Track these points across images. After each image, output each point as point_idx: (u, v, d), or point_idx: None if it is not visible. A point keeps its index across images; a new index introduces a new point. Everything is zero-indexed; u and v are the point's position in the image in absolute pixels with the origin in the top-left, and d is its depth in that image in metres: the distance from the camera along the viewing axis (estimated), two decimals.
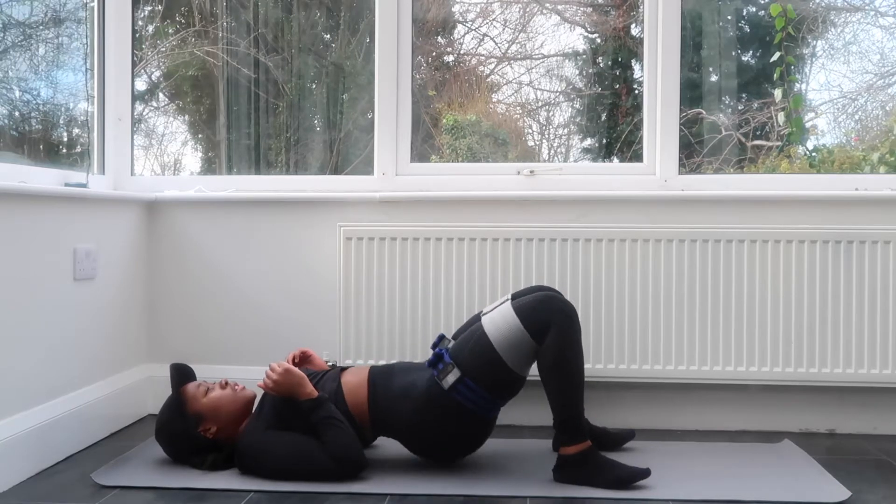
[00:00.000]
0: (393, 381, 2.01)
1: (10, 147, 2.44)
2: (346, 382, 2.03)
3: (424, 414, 1.94)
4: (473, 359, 1.93)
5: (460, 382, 1.92)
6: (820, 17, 3.42)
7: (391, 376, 2.03)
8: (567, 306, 1.96)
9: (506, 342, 1.91)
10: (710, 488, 1.86)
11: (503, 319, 1.94)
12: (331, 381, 2.04)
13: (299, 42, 3.52)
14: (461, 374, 1.92)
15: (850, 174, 2.88)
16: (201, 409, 2.00)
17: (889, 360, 2.35)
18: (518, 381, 1.97)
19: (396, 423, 1.99)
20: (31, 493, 1.85)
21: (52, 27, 2.61)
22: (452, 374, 1.93)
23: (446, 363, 1.95)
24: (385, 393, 1.99)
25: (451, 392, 1.92)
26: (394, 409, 1.97)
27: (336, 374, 2.07)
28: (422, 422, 1.95)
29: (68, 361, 2.20)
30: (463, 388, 1.92)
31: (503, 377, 1.93)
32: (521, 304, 1.95)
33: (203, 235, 2.67)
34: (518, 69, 3.99)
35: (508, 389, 1.98)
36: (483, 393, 1.92)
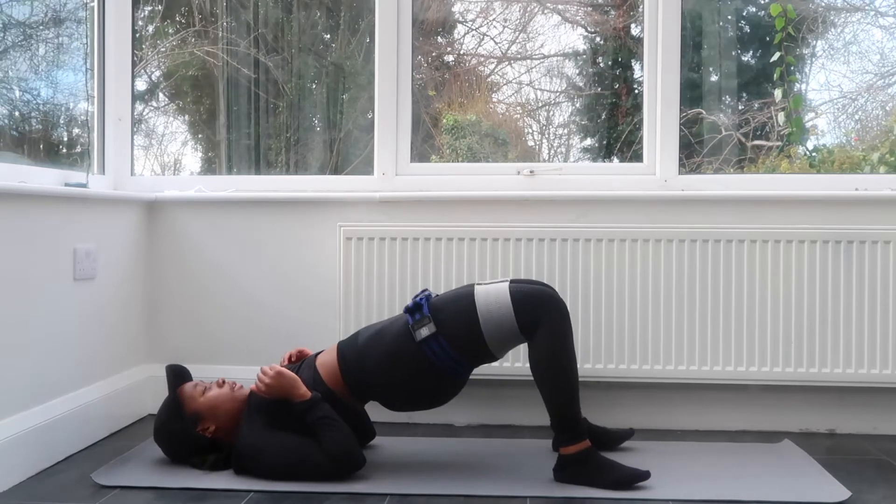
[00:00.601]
0: (358, 340, 2.03)
1: (10, 147, 2.44)
2: (321, 364, 2.04)
3: (390, 359, 1.95)
4: (453, 321, 1.93)
5: (433, 338, 1.92)
6: (820, 17, 3.42)
7: (356, 337, 2.05)
8: (561, 306, 1.96)
9: (491, 319, 1.90)
10: (710, 488, 1.86)
11: (496, 296, 1.93)
12: (307, 369, 2.05)
13: (299, 42, 3.52)
14: (436, 331, 1.92)
15: (850, 174, 2.88)
16: (199, 408, 2.00)
17: (889, 360, 2.35)
18: (490, 357, 1.97)
19: (367, 375, 1.98)
20: (31, 493, 1.85)
21: (52, 27, 2.61)
22: (427, 328, 1.92)
23: (424, 315, 1.94)
24: (353, 352, 2.00)
25: (422, 345, 1.92)
26: (364, 361, 1.97)
27: (311, 361, 2.08)
28: (387, 367, 1.95)
29: (68, 361, 2.20)
30: (434, 345, 1.91)
31: (476, 349, 1.93)
32: (518, 290, 1.95)
33: (203, 235, 2.67)
34: (518, 69, 4.00)
35: (478, 360, 1.98)
36: (453, 354, 1.92)
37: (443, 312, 1.95)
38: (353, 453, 1.91)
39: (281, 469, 1.90)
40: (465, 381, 2.03)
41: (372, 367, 1.97)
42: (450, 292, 2.06)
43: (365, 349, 1.99)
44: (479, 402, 2.48)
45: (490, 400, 2.49)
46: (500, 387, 2.47)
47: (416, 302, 1.98)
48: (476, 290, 1.97)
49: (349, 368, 1.99)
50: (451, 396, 2.04)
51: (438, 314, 1.94)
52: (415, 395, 2.01)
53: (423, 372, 1.94)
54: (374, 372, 1.97)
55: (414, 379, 1.96)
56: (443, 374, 1.95)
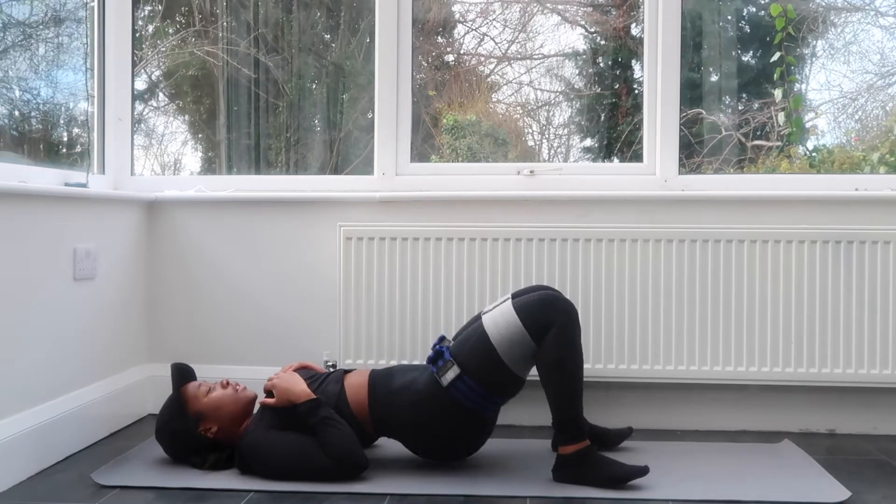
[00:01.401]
0: (393, 380, 2.02)
1: (10, 147, 2.44)
2: (349, 385, 2.03)
3: (423, 410, 1.95)
4: (472, 356, 1.93)
5: (459, 379, 1.92)
6: (820, 17, 3.42)
7: (391, 376, 2.04)
8: (568, 306, 1.96)
9: (505, 341, 1.91)
10: (710, 488, 1.86)
11: (503, 318, 1.94)
12: (333, 384, 2.04)
13: (299, 42, 3.52)
14: (460, 372, 1.92)
15: (850, 174, 2.88)
16: (202, 408, 2.00)
17: (889, 360, 2.35)
18: (516, 381, 1.97)
19: (397, 420, 1.99)
20: (31, 493, 1.85)
21: (52, 27, 2.61)
22: (451, 371, 1.93)
23: (446, 360, 1.95)
24: (385, 391, 2.00)
25: (450, 389, 1.92)
26: (394, 406, 1.98)
27: (339, 376, 2.08)
28: (420, 418, 1.95)
29: (68, 361, 2.20)
30: (461, 386, 1.92)
31: (501, 376, 1.93)
32: (522, 304, 1.95)
33: (203, 235, 2.67)
34: (518, 69, 4.00)
35: (506, 389, 1.98)
36: (481, 390, 1.92)
37: (461, 353, 1.96)
38: (356, 455, 1.91)
39: (284, 469, 1.90)
40: (495, 420, 2.03)
41: (404, 412, 1.97)
42: (461, 333, 2.07)
43: (398, 394, 1.98)
44: None
45: None
46: None
47: (437, 350, 1.99)
48: (484, 320, 1.98)
49: (378, 404, 1.99)
50: (484, 438, 2.03)
51: (458, 356, 1.95)
52: (452, 439, 2.00)
53: (455, 416, 1.94)
54: (406, 417, 1.97)
55: (448, 423, 1.95)
56: (475, 413, 1.95)
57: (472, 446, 2.03)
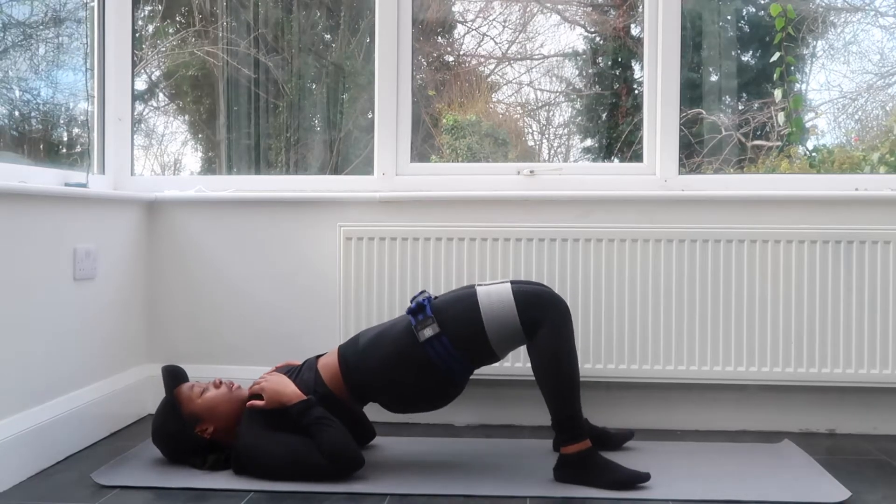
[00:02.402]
0: (359, 341, 2.03)
1: (10, 147, 2.44)
2: (323, 366, 2.04)
3: (392, 361, 1.95)
4: (457, 321, 1.93)
5: (437, 339, 1.92)
6: (820, 17, 3.42)
7: (356, 339, 2.05)
8: (563, 306, 1.96)
9: (495, 319, 1.90)
10: (710, 488, 1.86)
11: (498, 297, 1.93)
12: (308, 371, 2.05)
13: (299, 42, 3.52)
14: (440, 331, 1.92)
15: (850, 174, 2.88)
16: (197, 409, 2.00)
17: (889, 360, 2.35)
18: (492, 356, 1.97)
19: (368, 376, 1.98)
20: (31, 493, 1.85)
21: (52, 27, 2.61)
22: (430, 329, 1.92)
23: (427, 315, 1.94)
24: (354, 355, 2.00)
25: (425, 345, 1.92)
26: (364, 364, 1.97)
27: (312, 363, 2.08)
28: (389, 365, 1.95)
29: (68, 361, 2.20)
30: (437, 345, 1.91)
31: (480, 348, 1.93)
32: (521, 290, 1.95)
33: (203, 235, 2.67)
34: (518, 69, 4.00)
35: (480, 360, 1.98)
36: (456, 355, 1.92)
37: (445, 313, 1.95)
38: (351, 453, 1.91)
39: (280, 469, 1.90)
40: (465, 382, 2.03)
41: (373, 368, 1.97)
42: (450, 293, 2.06)
43: (366, 351, 1.99)
44: (479, 402, 2.48)
45: (490, 400, 2.49)
46: (500, 387, 2.47)
47: (419, 303, 1.98)
48: (478, 291, 1.97)
49: (350, 370, 1.99)
50: (451, 398, 2.04)
51: (441, 315, 1.94)
52: (416, 396, 2.01)
53: (425, 372, 1.94)
54: (376, 373, 1.97)
55: (416, 380, 1.95)
56: (445, 374, 1.95)
57: (436, 404, 2.04)
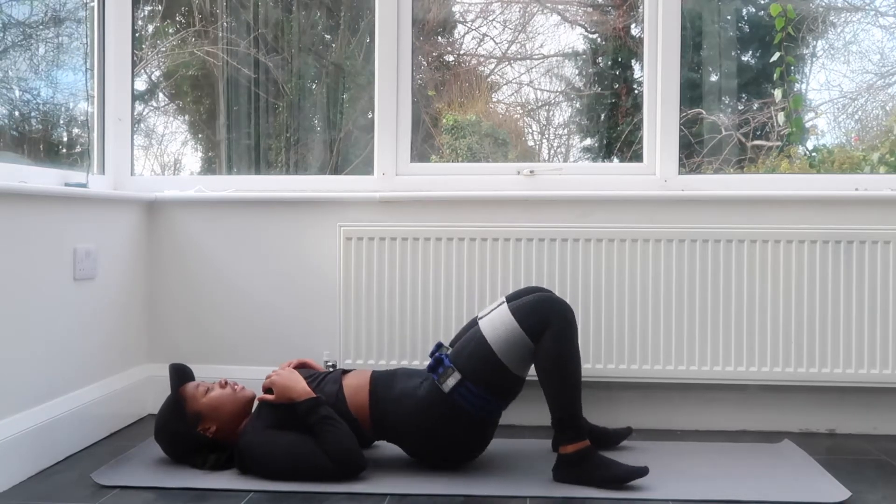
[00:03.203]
0: (394, 384, 2.02)
1: (10, 147, 2.44)
2: (348, 385, 2.03)
3: (425, 417, 1.94)
4: (473, 362, 1.93)
5: (461, 385, 1.92)
6: (820, 17, 3.42)
7: (392, 380, 2.04)
8: (564, 306, 1.96)
9: (504, 344, 1.91)
10: (710, 488, 1.86)
11: (501, 322, 1.94)
12: (332, 383, 2.04)
13: (299, 42, 3.52)
14: (461, 378, 1.92)
15: (850, 174, 2.87)
16: (201, 408, 2.00)
17: (889, 360, 2.35)
18: (517, 382, 1.97)
19: (397, 425, 1.99)
20: (31, 493, 1.85)
21: (52, 27, 2.61)
22: (453, 378, 1.93)
23: (446, 367, 1.95)
24: (385, 395, 1.99)
25: (452, 395, 1.92)
26: (394, 411, 1.97)
27: (337, 376, 2.08)
28: (423, 425, 1.95)
29: (68, 361, 2.20)
30: (463, 391, 1.92)
31: (502, 379, 1.94)
32: (519, 306, 1.96)
33: (203, 235, 2.67)
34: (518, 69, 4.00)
35: (508, 391, 1.98)
36: (483, 394, 1.92)
37: (461, 358, 1.96)
38: (355, 455, 1.91)
39: (284, 469, 1.90)
40: (497, 422, 2.04)
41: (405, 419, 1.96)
42: (458, 340, 2.07)
43: (400, 397, 1.98)
44: None
45: None
46: None
47: (437, 358, 1.99)
48: (481, 325, 1.98)
49: (379, 407, 1.99)
50: (489, 440, 2.04)
51: (458, 362, 1.95)
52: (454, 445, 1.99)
53: (458, 421, 1.94)
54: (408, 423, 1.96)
55: (450, 429, 1.95)
56: (477, 417, 1.95)
57: (474, 451, 2.03)
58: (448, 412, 1.93)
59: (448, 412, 1.93)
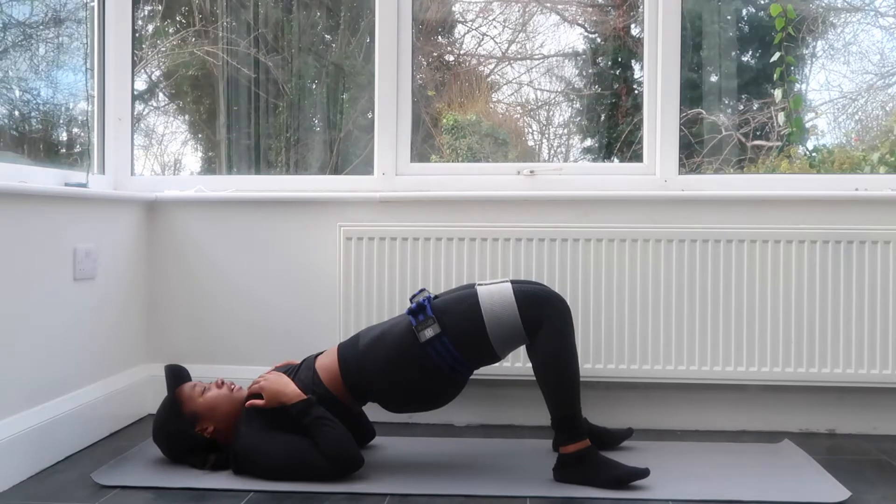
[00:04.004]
0: (359, 341, 2.03)
1: (10, 147, 2.44)
2: (321, 366, 2.03)
3: (394, 362, 1.94)
4: (458, 322, 1.92)
5: (437, 339, 1.91)
6: (820, 17, 3.42)
7: (356, 339, 2.05)
8: (564, 306, 1.96)
9: (496, 319, 1.90)
10: (710, 488, 1.86)
11: (500, 296, 1.93)
12: (306, 370, 2.04)
13: (299, 42, 3.52)
14: (440, 332, 1.91)
15: (850, 174, 2.88)
16: (198, 408, 2.00)
17: (889, 360, 2.35)
18: (493, 357, 1.96)
19: (367, 377, 1.97)
20: (31, 493, 1.85)
21: (52, 27, 2.61)
22: (431, 329, 1.92)
23: (427, 316, 1.94)
24: (354, 355, 2.00)
25: (426, 346, 1.91)
26: (364, 365, 1.97)
27: (310, 362, 2.08)
28: (390, 367, 1.94)
29: (68, 361, 2.20)
30: (438, 346, 1.91)
31: (481, 348, 1.93)
32: (522, 290, 1.95)
33: (203, 235, 2.67)
34: (518, 69, 3.99)
35: (482, 361, 1.98)
36: (457, 355, 1.92)
37: (446, 314, 1.95)
38: (350, 453, 1.91)
39: (279, 470, 1.90)
40: (465, 382, 2.03)
41: (374, 369, 1.96)
42: (451, 293, 2.06)
43: (367, 352, 1.98)
44: (479, 402, 2.48)
45: (490, 400, 2.49)
46: (500, 387, 2.47)
47: (419, 303, 1.98)
48: (479, 291, 1.97)
49: (350, 371, 1.99)
50: (451, 398, 2.04)
51: (442, 315, 1.94)
52: (416, 395, 2.01)
53: (426, 373, 1.93)
54: (376, 374, 1.97)
55: (417, 380, 1.95)
56: (445, 374, 1.95)
57: (437, 404, 2.04)
58: (418, 361, 1.92)
59: (418, 361, 1.92)
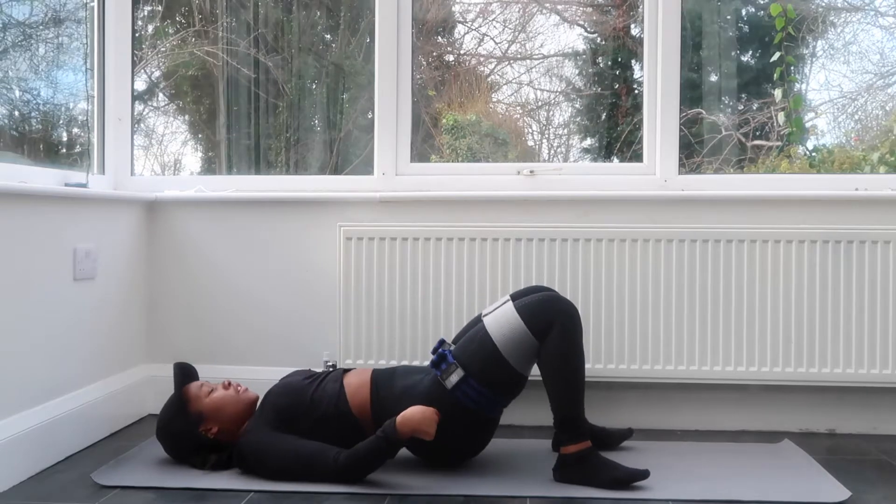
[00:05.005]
0: (395, 381, 2.01)
1: (10, 147, 2.44)
2: (349, 384, 2.03)
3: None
4: (477, 359, 1.93)
5: (464, 382, 1.92)
6: (820, 17, 3.42)
7: (393, 377, 2.04)
8: (569, 306, 1.97)
9: (509, 342, 1.91)
10: (710, 488, 1.86)
11: (506, 320, 1.94)
12: (332, 382, 2.04)
13: (299, 42, 3.52)
14: (465, 375, 1.92)
15: (850, 174, 2.88)
16: (203, 408, 2.00)
17: (889, 360, 2.35)
18: (521, 380, 1.97)
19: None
20: (31, 493, 1.85)
21: (52, 27, 2.61)
22: (456, 374, 1.93)
23: (449, 363, 1.95)
24: (387, 393, 1.99)
25: (454, 391, 1.92)
26: (396, 409, 1.97)
27: (338, 375, 2.07)
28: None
29: (68, 361, 2.19)
30: (466, 388, 1.92)
31: (506, 376, 1.94)
32: (524, 304, 1.96)
33: (203, 235, 2.67)
34: (518, 69, 4.00)
35: (511, 389, 1.98)
36: (486, 392, 1.92)
37: (464, 355, 1.95)
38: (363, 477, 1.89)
39: (284, 470, 1.90)
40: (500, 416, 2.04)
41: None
42: (462, 337, 2.06)
43: (401, 394, 1.96)
44: None
45: None
46: None
47: (440, 354, 1.98)
48: (486, 322, 1.98)
49: (381, 405, 1.97)
50: (489, 438, 2.04)
51: (461, 358, 1.95)
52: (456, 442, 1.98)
53: (460, 418, 1.93)
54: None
55: (452, 426, 1.92)
56: (479, 414, 1.95)
57: (476, 448, 2.03)
58: (450, 409, 1.92)
59: (450, 409, 1.92)
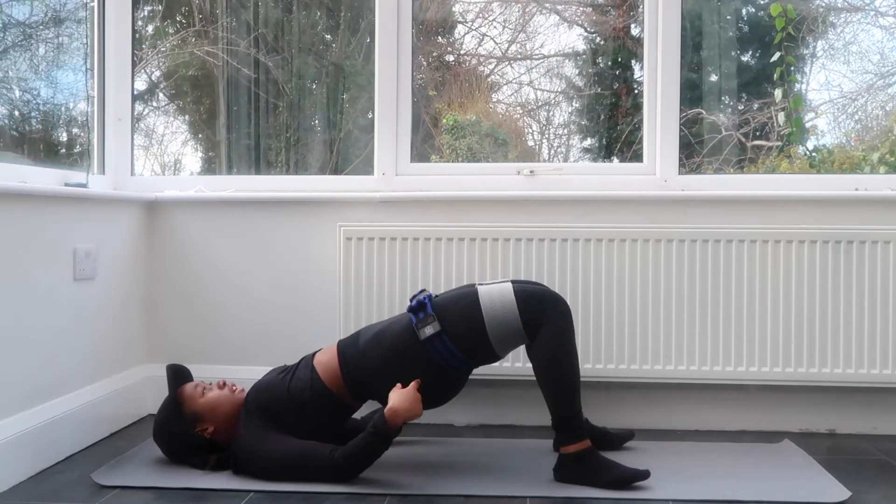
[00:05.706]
0: (359, 340, 2.02)
1: (10, 147, 2.44)
2: (319, 362, 2.02)
3: (393, 358, 1.94)
4: (458, 320, 1.93)
5: (437, 337, 1.92)
6: (820, 17, 3.42)
7: (357, 337, 2.04)
8: (565, 307, 1.97)
9: (496, 318, 1.90)
10: (710, 488, 1.86)
11: (500, 296, 1.93)
12: (304, 368, 2.03)
13: (299, 42, 3.52)
14: (440, 330, 1.92)
15: (850, 174, 2.88)
16: (199, 409, 2.00)
17: (889, 360, 2.35)
18: (492, 356, 1.97)
19: (367, 374, 1.96)
20: (31, 493, 1.85)
21: (52, 27, 2.61)
22: (431, 327, 1.92)
23: (428, 314, 1.94)
24: (353, 352, 1.99)
25: (425, 343, 1.92)
26: (363, 362, 1.96)
27: (308, 360, 2.06)
28: (389, 364, 1.94)
29: (68, 361, 2.20)
30: (438, 343, 1.91)
31: (480, 347, 1.93)
32: (522, 290, 1.95)
33: (203, 235, 2.67)
34: (518, 69, 3.99)
35: (480, 359, 1.98)
36: (456, 353, 1.92)
37: (446, 311, 1.95)
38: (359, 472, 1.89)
39: (278, 472, 1.90)
40: (465, 381, 2.03)
41: (374, 366, 1.96)
42: (451, 292, 2.06)
43: (367, 349, 1.98)
44: (479, 402, 2.48)
45: (490, 400, 2.49)
46: (500, 387, 2.47)
47: (420, 301, 1.98)
48: (479, 290, 1.98)
49: (349, 368, 1.99)
50: (450, 396, 2.04)
51: (442, 313, 1.95)
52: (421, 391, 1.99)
53: (425, 371, 1.93)
54: (376, 372, 1.96)
55: (417, 376, 1.93)
56: (445, 372, 1.95)
57: (438, 401, 2.02)
58: (417, 359, 1.92)
59: (417, 359, 1.92)
